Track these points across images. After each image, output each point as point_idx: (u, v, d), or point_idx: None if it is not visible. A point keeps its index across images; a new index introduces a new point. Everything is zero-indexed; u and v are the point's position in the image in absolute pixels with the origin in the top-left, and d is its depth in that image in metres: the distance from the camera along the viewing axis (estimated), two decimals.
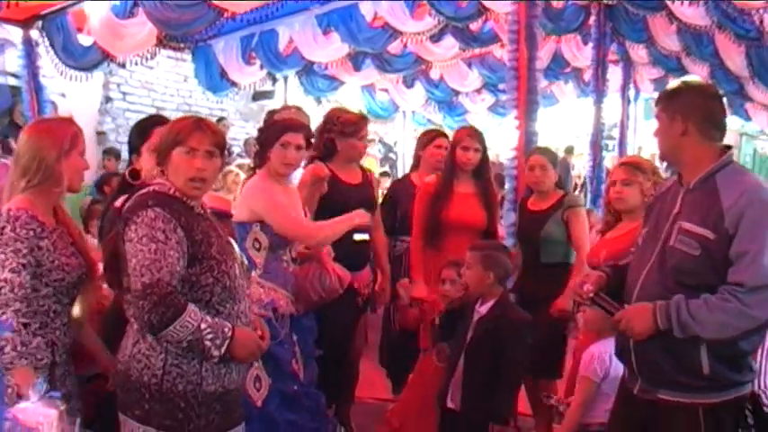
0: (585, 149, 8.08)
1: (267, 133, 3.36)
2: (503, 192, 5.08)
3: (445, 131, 5.21)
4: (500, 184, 5.68)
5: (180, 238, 2.16)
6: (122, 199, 2.29)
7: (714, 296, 2.17)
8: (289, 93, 9.76)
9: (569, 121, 14.09)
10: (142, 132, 2.85)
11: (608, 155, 9.08)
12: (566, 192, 4.21)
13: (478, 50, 8.77)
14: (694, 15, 7.02)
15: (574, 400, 3.15)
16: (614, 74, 9.00)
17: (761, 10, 6.48)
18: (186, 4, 5.90)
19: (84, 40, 6.92)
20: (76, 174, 2.43)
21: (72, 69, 6.93)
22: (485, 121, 11.78)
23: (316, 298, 3.30)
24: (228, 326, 2.19)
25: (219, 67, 8.13)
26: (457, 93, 10.66)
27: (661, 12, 7.19)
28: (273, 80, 9.10)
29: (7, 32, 7.49)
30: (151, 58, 6.99)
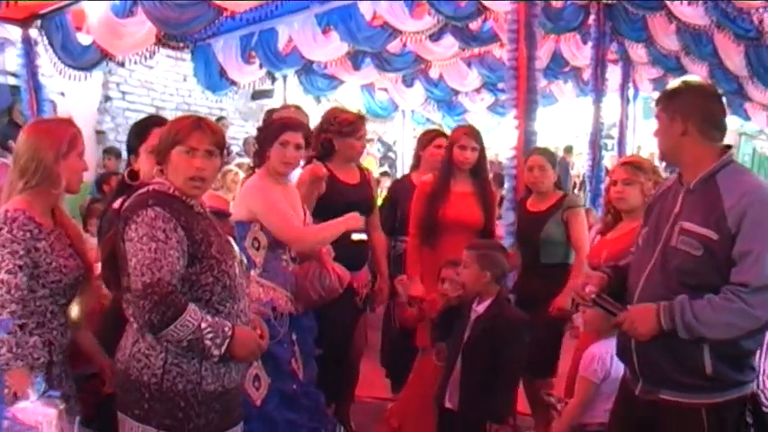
0: (584, 149, 8.08)
1: (266, 132, 3.35)
2: (502, 191, 5.08)
3: (445, 131, 5.21)
4: (499, 184, 5.69)
5: (180, 238, 2.15)
6: (120, 201, 2.28)
7: (718, 296, 2.16)
8: (288, 92, 9.76)
9: (568, 121, 14.11)
10: (140, 133, 2.83)
11: (607, 154, 9.08)
12: (565, 192, 4.20)
13: (478, 50, 8.76)
14: (693, 15, 7.02)
15: (572, 400, 3.15)
16: (613, 73, 8.99)
17: (760, 9, 6.50)
18: (185, 4, 5.89)
19: (83, 39, 6.91)
20: (75, 175, 2.42)
21: (71, 68, 6.91)
22: (484, 121, 11.79)
23: (316, 297, 3.29)
24: (228, 325, 2.19)
25: (219, 67, 8.13)
26: (456, 92, 10.66)
27: (660, 11, 7.19)
28: (273, 79, 9.08)
29: (7, 32, 7.48)
30: (150, 58, 6.98)
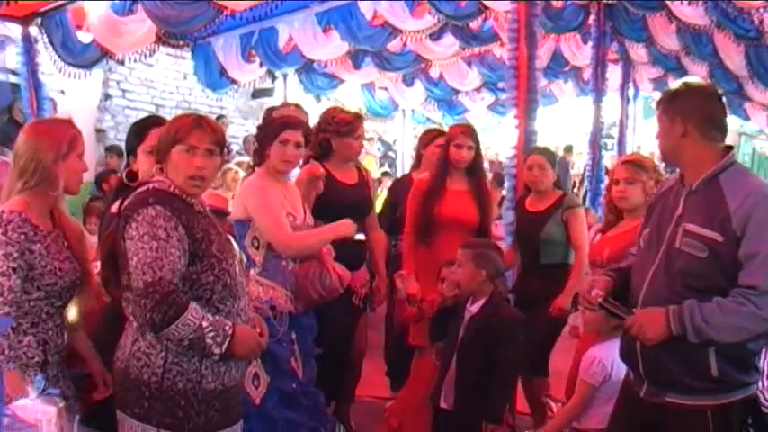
0: (585, 148, 8.10)
1: (266, 131, 3.34)
2: (502, 191, 5.08)
3: (446, 130, 5.20)
4: (499, 183, 5.69)
5: (181, 236, 2.15)
6: (119, 203, 2.26)
7: (727, 299, 2.14)
8: (288, 91, 9.77)
9: (568, 120, 14.12)
10: (138, 134, 2.80)
11: (607, 154, 9.09)
12: (564, 192, 4.19)
13: (478, 49, 8.77)
14: (694, 15, 7.03)
15: (570, 401, 3.14)
16: (614, 73, 9.00)
17: (760, 9, 6.50)
18: (186, 2, 5.90)
19: (83, 38, 6.93)
20: (74, 176, 2.40)
21: (71, 66, 6.93)
22: (484, 120, 11.81)
23: (316, 297, 3.28)
24: (229, 324, 2.18)
25: (219, 65, 8.14)
26: (456, 91, 10.67)
27: (660, 11, 7.20)
28: (273, 78, 9.09)
29: (7, 29, 7.48)
30: (150, 56, 7.00)
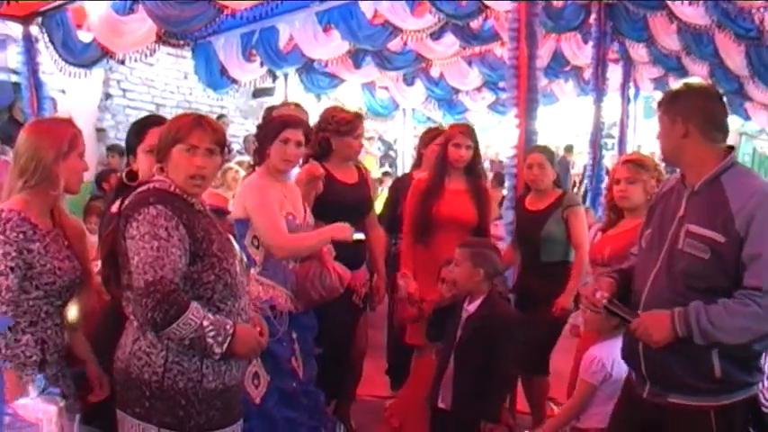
0: (585, 148, 8.10)
1: (266, 130, 3.33)
2: (503, 190, 5.08)
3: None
4: (500, 183, 5.69)
5: (182, 236, 2.15)
6: (119, 203, 2.26)
7: (732, 300, 2.14)
8: (289, 90, 9.77)
9: (569, 120, 14.12)
10: (138, 133, 2.80)
11: (607, 153, 9.08)
12: (564, 190, 4.20)
13: (479, 48, 8.77)
14: (694, 15, 7.02)
15: (569, 400, 3.14)
16: (614, 72, 9.00)
17: (761, 9, 6.49)
18: (186, 1, 5.89)
19: (83, 37, 6.93)
20: (75, 175, 2.40)
21: (72, 66, 6.93)
22: (485, 120, 11.81)
23: (316, 297, 3.28)
24: (230, 323, 2.19)
25: (219, 65, 8.14)
26: (457, 91, 10.67)
27: (661, 11, 7.20)
28: (274, 77, 9.09)
29: (8, 29, 7.49)
30: (151, 55, 7.00)
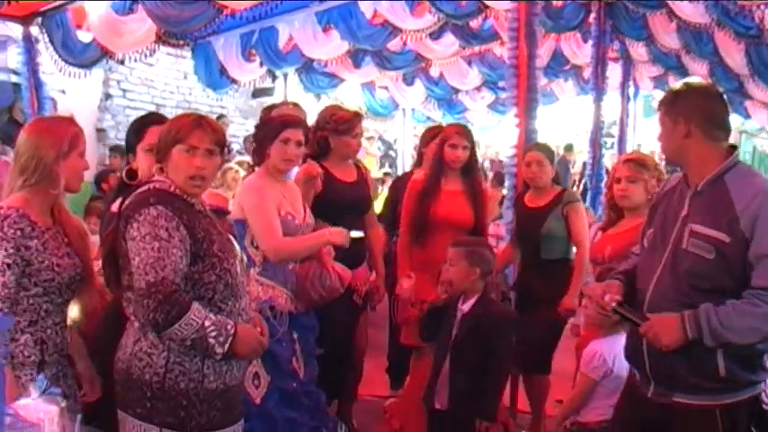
0: (585, 147, 8.09)
1: (266, 130, 3.32)
2: (503, 190, 5.08)
3: None
4: (500, 182, 5.69)
5: (183, 236, 2.15)
6: (119, 202, 2.26)
7: (740, 301, 2.13)
8: (288, 90, 9.77)
9: (569, 119, 14.12)
10: (137, 131, 2.80)
11: (607, 152, 9.08)
12: (563, 187, 4.19)
13: (478, 48, 8.76)
14: (694, 13, 7.02)
15: (570, 395, 3.15)
16: (614, 71, 9.00)
17: (761, 7, 6.49)
18: (186, 1, 5.89)
19: (83, 37, 6.93)
20: (75, 174, 2.40)
21: (72, 66, 6.93)
22: (484, 119, 11.81)
23: (316, 297, 3.28)
24: (231, 323, 2.19)
25: (219, 65, 8.14)
26: (457, 90, 10.66)
27: (661, 9, 7.19)
28: (273, 77, 9.10)
29: (8, 29, 7.49)
30: (150, 55, 6.99)
